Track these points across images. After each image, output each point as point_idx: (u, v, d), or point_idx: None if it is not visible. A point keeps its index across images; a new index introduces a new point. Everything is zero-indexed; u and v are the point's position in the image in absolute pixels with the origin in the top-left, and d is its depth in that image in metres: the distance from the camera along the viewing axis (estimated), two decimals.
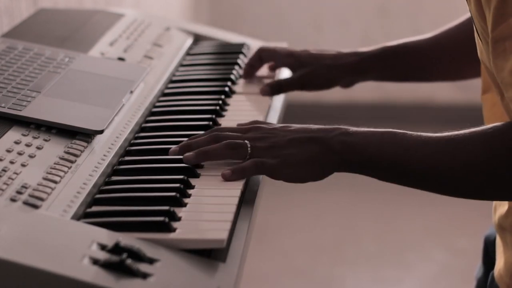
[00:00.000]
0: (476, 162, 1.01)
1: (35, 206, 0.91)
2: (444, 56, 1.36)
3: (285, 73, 1.44)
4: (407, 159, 1.04)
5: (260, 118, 1.22)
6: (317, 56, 1.36)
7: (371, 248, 2.91)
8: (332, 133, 1.06)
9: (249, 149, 1.06)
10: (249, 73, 1.39)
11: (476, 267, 1.36)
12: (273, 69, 1.41)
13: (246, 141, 1.06)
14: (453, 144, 1.02)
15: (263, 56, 1.39)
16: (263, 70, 1.42)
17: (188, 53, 1.52)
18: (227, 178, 1.04)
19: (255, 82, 1.39)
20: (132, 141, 1.16)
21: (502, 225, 1.17)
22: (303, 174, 1.06)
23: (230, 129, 1.11)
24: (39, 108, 1.11)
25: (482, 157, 1.01)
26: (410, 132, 1.05)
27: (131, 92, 1.23)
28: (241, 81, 1.39)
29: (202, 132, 1.12)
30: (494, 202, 1.21)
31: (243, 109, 1.30)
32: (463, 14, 1.35)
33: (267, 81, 1.38)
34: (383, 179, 1.07)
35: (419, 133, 1.04)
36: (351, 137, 1.05)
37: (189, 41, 1.56)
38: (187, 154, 1.07)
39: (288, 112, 1.57)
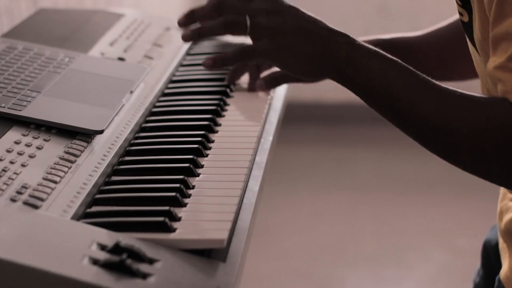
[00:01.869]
0: (479, 127, 0.97)
1: (35, 206, 0.91)
2: (432, 54, 1.36)
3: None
4: (409, 100, 1.00)
5: (260, 117, 1.22)
6: None
7: (371, 248, 2.91)
8: (340, 38, 1.03)
9: (248, 28, 1.01)
10: (235, 78, 1.32)
11: (476, 267, 1.36)
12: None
13: (246, 18, 1.01)
14: (465, 100, 0.98)
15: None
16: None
17: (188, 53, 1.52)
18: (208, 66, 1.00)
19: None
20: (132, 141, 1.16)
21: (510, 231, 1.16)
22: (296, 66, 1.03)
23: None
24: (39, 108, 1.11)
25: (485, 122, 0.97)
26: (419, 73, 1.01)
27: (131, 92, 1.23)
28: (241, 81, 1.39)
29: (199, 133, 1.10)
30: (499, 209, 1.21)
31: (243, 109, 1.30)
32: None
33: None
34: (370, 104, 1.02)
35: (426, 77, 1.01)
36: (357, 52, 1.02)
37: None
38: (183, 33, 1.02)
39: (288, 112, 1.57)
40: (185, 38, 1.03)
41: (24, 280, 0.82)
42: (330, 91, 1.34)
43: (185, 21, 1.05)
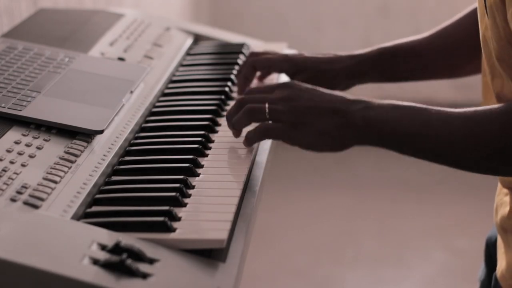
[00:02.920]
0: (493, 139, 1.03)
1: (35, 206, 0.91)
2: (440, 54, 1.36)
3: (282, 78, 1.43)
4: (426, 135, 1.05)
5: None
6: (313, 60, 1.34)
7: (371, 248, 2.91)
8: (355, 106, 1.07)
9: (267, 113, 1.08)
10: (243, 85, 1.34)
11: (476, 267, 1.37)
12: (263, 76, 1.39)
13: (265, 105, 1.08)
14: (472, 121, 1.04)
15: (257, 66, 1.34)
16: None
17: (188, 53, 1.52)
18: (245, 145, 1.11)
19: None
20: (132, 141, 1.16)
21: (504, 226, 1.17)
22: (319, 143, 1.07)
23: (259, 89, 1.14)
24: (39, 108, 1.11)
25: (499, 134, 1.02)
26: (431, 107, 1.06)
27: (131, 92, 1.23)
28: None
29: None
30: (496, 204, 1.21)
31: None
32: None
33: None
34: (402, 153, 1.08)
35: (439, 109, 1.06)
36: (373, 112, 1.06)
37: (189, 41, 1.56)
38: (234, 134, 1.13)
39: None
40: (237, 137, 1.14)
41: (24, 280, 0.82)
42: None
43: (230, 127, 1.14)
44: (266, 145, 1.19)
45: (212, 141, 1.16)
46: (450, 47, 1.36)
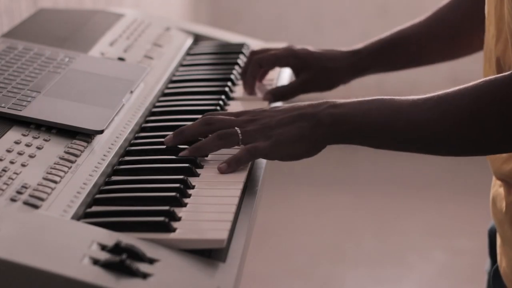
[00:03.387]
0: (466, 116, 1.02)
1: (35, 206, 0.91)
2: (438, 38, 1.38)
3: (284, 73, 1.44)
4: (396, 122, 1.04)
5: None
6: (318, 57, 1.37)
7: (371, 248, 2.91)
8: (321, 107, 1.07)
9: (240, 135, 1.07)
10: (252, 84, 1.36)
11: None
12: (266, 72, 1.40)
13: (236, 128, 1.07)
14: (442, 101, 1.03)
15: (263, 63, 1.36)
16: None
17: (188, 53, 1.52)
18: (223, 171, 1.05)
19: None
20: (132, 141, 1.16)
21: (500, 219, 1.17)
22: (296, 151, 1.07)
23: (221, 113, 1.12)
24: (39, 108, 1.11)
25: (471, 110, 1.01)
26: (399, 97, 1.05)
27: (131, 92, 1.23)
28: (241, 82, 1.39)
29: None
30: (491, 195, 1.21)
31: (243, 109, 1.29)
32: None
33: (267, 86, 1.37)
34: (376, 146, 1.07)
35: (407, 97, 1.05)
36: (340, 109, 1.06)
37: (189, 41, 1.56)
38: (181, 153, 1.08)
39: None
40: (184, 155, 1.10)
41: (24, 280, 0.82)
42: (330, 91, 1.35)
43: (174, 141, 1.10)
44: None
45: None
46: (446, 30, 1.37)
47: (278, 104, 1.18)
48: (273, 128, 1.07)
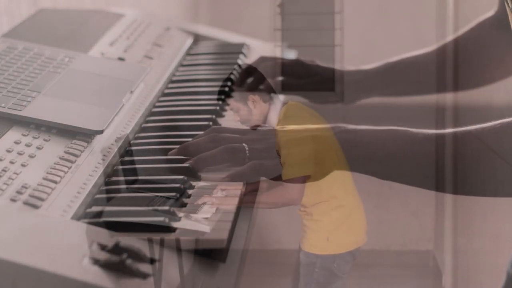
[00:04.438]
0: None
1: (35, 206, 0.91)
2: (444, 70, 1.37)
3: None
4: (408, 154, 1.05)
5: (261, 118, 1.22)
6: (324, 71, 1.37)
7: (371, 248, 2.91)
8: (332, 131, 1.06)
9: (247, 152, 1.06)
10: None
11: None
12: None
13: (244, 144, 1.06)
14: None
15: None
16: None
17: (188, 53, 1.52)
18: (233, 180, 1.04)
19: None
20: (132, 141, 1.16)
21: None
22: (304, 173, 1.06)
23: (228, 130, 1.11)
24: (39, 108, 1.11)
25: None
26: (412, 129, 1.06)
27: (131, 92, 1.23)
28: None
29: (201, 133, 1.12)
30: None
31: None
32: (463, 14, 1.35)
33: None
34: (383, 176, 1.07)
35: (420, 130, 1.06)
36: (352, 135, 1.05)
37: (189, 41, 1.56)
38: (186, 162, 1.06)
39: None
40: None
41: (24, 280, 0.82)
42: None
43: (178, 156, 1.09)
44: None
45: None
46: (454, 63, 1.37)
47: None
48: (281, 148, 1.06)
